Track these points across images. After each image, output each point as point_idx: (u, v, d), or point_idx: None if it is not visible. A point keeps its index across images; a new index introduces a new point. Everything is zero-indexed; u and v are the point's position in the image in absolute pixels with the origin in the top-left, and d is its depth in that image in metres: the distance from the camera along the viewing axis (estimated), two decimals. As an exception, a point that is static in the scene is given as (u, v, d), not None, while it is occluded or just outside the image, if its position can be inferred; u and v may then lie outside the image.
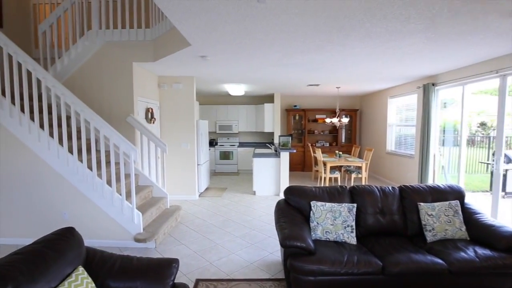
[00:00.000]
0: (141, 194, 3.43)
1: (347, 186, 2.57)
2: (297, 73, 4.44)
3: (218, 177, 6.84)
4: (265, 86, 5.94)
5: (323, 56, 3.36)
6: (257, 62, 3.68)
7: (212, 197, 5.00)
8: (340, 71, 4.26)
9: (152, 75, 4.48)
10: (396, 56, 3.35)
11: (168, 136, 4.76)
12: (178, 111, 4.73)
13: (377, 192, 2.50)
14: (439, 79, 4.60)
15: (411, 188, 2.54)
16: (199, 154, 5.02)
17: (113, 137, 2.85)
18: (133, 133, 3.77)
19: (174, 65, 3.91)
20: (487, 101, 5.77)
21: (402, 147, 5.86)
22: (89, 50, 3.68)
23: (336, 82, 5.46)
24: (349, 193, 2.51)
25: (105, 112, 3.74)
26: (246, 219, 3.81)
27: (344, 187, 2.55)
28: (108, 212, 2.90)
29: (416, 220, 2.41)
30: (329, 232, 2.25)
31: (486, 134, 6.47)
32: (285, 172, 5.07)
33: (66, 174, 2.88)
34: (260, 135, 8.01)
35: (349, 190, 2.53)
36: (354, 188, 2.54)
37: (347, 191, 2.51)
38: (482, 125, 6.79)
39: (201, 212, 4.12)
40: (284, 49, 3.05)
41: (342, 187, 2.55)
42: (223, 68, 4.09)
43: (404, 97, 5.75)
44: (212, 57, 3.40)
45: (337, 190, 2.51)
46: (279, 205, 2.49)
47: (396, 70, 4.21)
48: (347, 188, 2.55)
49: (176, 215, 3.65)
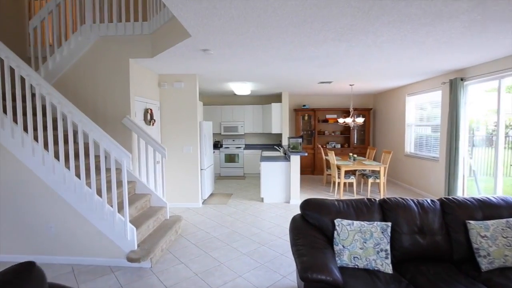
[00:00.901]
0: (138, 204, 3.09)
1: (376, 199, 2.14)
2: (308, 69, 4.03)
3: (223, 182, 6.47)
4: (272, 85, 5.55)
5: (340, 48, 2.94)
6: (265, 56, 3.29)
7: (216, 204, 4.63)
8: (357, 66, 3.83)
9: (152, 74, 4.15)
10: (426, 45, 2.90)
11: (169, 139, 4.42)
12: (180, 111, 4.39)
13: (414, 207, 2.07)
14: (468, 73, 4.11)
15: (456, 202, 2.10)
16: (202, 158, 4.66)
17: (103, 141, 2.50)
18: (129, 136, 3.44)
19: (174, 62, 3.56)
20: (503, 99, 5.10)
21: (424, 149, 5.37)
22: (83, 46, 3.37)
23: (350, 79, 5.02)
24: (380, 207, 2.09)
25: (99, 113, 3.42)
26: (254, 232, 3.42)
27: (373, 200, 2.12)
28: (98, 226, 2.56)
29: (463, 242, 1.97)
30: (358, 257, 1.83)
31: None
32: (296, 177, 4.66)
33: (52, 183, 2.55)
34: (268, 137, 7.61)
35: (380, 204, 2.11)
36: (385, 201, 2.11)
37: (377, 206, 2.09)
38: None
39: (204, 223, 3.75)
40: (297, 38, 2.65)
41: (370, 200, 2.12)
42: (227, 64, 3.71)
43: (425, 94, 5.26)
44: (215, 50, 3.03)
45: (365, 204, 2.09)
46: (295, 222, 2.08)
47: (421, 63, 3.75)
48: (377, 201, 2.13)
49: (176, 227, 3.28)
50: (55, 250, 2.62)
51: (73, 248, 2.60)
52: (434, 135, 5.05)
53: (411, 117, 5.81)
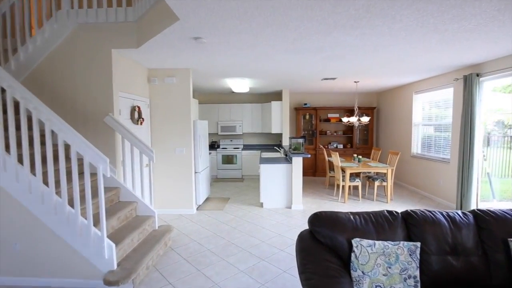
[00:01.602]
0: (121, 213, 2.72)
1: (398, 212, 1.80)
2: (312, 63, 3.68)
3: (220, 184, 6.11)
4: (272, 81, 5.20)
5: (350, 36, 2.60)
6: (266, 47, 2.94)
7: (212, 210, 4.27)
8: (366, 59, 3.49)
9: (140, 68, 3.78)
10: (447, 34, 2.57)
11: (160, 139, 4.04)
12: (172, 109, 4.02)
13: (444, 221, 1.73)
14: (484, 68, 3.80)
15: (493, 215, 1.76)
16: (197, 160, 4.30)
17: (75, 143, 2.13)
18: (112, 136, 3.07)
19: (164, 54, 3.19)
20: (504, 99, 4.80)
21: (432, 149, 5.05)
22: (59, 34, 2.99)
23: (356, 76, 4.68)
24: (403, 222, 1.75)
25: (79, 111, 3.04)
26: (253, 243, 3.07)
27: (395, 213, 1.78)
28: (70, 243, 2.19)
29: (503, 263, 1.64)
30: (381, 286, 1.49)
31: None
32: (298, 181, 4.31)
33: (15, 192, 2.18)
34: (267, 137, 7.26)
35: (403, 218, 1.77)
36: (409, 215, 1.77)
37: (400, 220, 1.75)
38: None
39: (198, 232, 3.39)
40: (302, 24, 2.30)
41: (392, 214, 1.78)
42: (223, 57, 3.35)
43: (435, 92, 4.94)
44: (208, 38, 2.67)
45: (386, 218, 1.75)
46: (303, 241, 1.73)
47: (436, 57, 3.42)
48: (400, 215, 1.78)
49: (165, 238, 2.92)
50: (21, 270, 2.24)
51: (41, 268, 2.23)
52: (444, 135, 4.74)
53: (418, 116, 5.49)
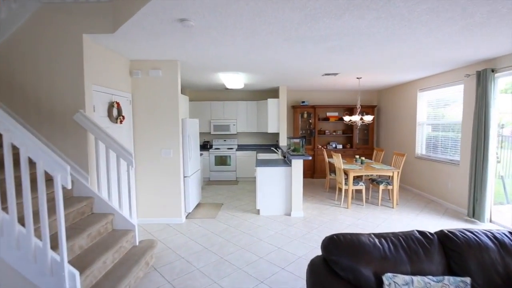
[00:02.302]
0: (92, 229, 2.28)
1: (433, 234, 1.44)
2: (316, 54, 3.31)
3: (213, 188, 5.69)
4: (269, 77, 4.81)
5: (364, 20, 2.23)
6: (264, 33, 2.54)
7: (203, 218, 3.86)
8: (374, 52, 3.13)
9: (120, 59, 3.32)
10: (473, 21, 2.22)
11: (144, 140, 3.60)
12: (158, 106, 3.58)
13: (492, 245, 1.38)
14: (500, 63, 3.50)
15: (549, 236, 1.42)
16: (186, 163, 3.87)
17: (26, 145, 1.69)
18: (84, 137, 2.62)
19: (146, 41, 2.76)
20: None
21: (439, 150, 4.76)
22: (18, 16, 2.51)
23: (359, 71, 4.34)
24: (440, 246, 1.39)
25: (44, 106, 2.58)
26: (249, 259, 2.67)
27: (429, 236, 1.42)
28: (20, 270, 1.75)
29: None
30: None
31: None
32: (298, 185, 3.94)
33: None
34: (263, 137, 6.87)
35: (440, 242, 1.41)
36: (447, 238, 1.41)
37: (436, 244, 1.39)
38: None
39: (187, 246, 2.97)
40: (309, 3, 1.91)
41: (425, 235, 1.42)
42: (215, 46, 2.94)
43: (442, 89, 4.64)
44: (196, 21, 2.25)
45: (419, 242, 1.38)
46: (315, 273, 1.35)
47: (451, 49, 3.09)
48: (435, 237, 1.42)
49: (147, 256, 2.50)
50: (-41, 305, 1.79)
51: (-15, 303, 1.78)
52: (452, 135, 4.45)
53: (423, 115, 5.19)
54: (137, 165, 3.62)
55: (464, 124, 4.04)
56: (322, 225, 3.59)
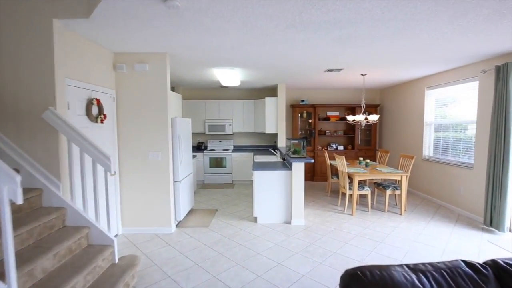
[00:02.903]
0: (61, 246, 1.93)
1: (487, 266, 1.12)
2: (320, 46, 2.98)
3: (207, 192, 5.34)
4: (267, 73, 4.47)
5: (383, 1, 1.90)
6: (262, 20, 2.21)
7: (195, 227, 3.51)
8: (386, 44, 2.81)
9: (102, 50, 2.96)
10: (504, 5, 1.92)
11: (129, 141, 3.24)
12: (144, 104, 3.22)
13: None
14: (521, 57, 3.21)
15: None
16: (176, 167, 3.52)
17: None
18: (55, 138, 2.26)
19: (128, 28, 2.40)
20: None
21: (449, 152, 4.46)
22: (-23, -3, 2.15)
23: (365, 67, 4.02)
24: (498, 285, 1.06)
25: (8, 103, 2.22)
26: (245, 279, 2.33)
27: (482, 270, 1.09)
28: (-42, 309, 1.39)
29: None
30: None
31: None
32: (300, 191, 3.61)
33: None
34: (260, 137, 6.53)
35: (496, 278, 1.08)
36: (505, 271, 1.09)
37: (492, 281, 1.06)
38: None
39: (175, 261, 2.62)
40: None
41: (476, 269, 1.10)
42: (208, 36, 2.60)
43: (453, 86, 4.34)
44: (183, 2, 1.91)
45: (470, 279, 1.06)
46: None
47: (468, 42, 2.79)
48: (490, 271, 1.10)
49: (127, 276, 2.15)
50: None
51: None
52: (464, 136, 4.16)
53: (431, 114, 4.90)
54: (122, 170, 3.26)
55: (479, 124, 3.75)
56: (326, 235, 3.26)
